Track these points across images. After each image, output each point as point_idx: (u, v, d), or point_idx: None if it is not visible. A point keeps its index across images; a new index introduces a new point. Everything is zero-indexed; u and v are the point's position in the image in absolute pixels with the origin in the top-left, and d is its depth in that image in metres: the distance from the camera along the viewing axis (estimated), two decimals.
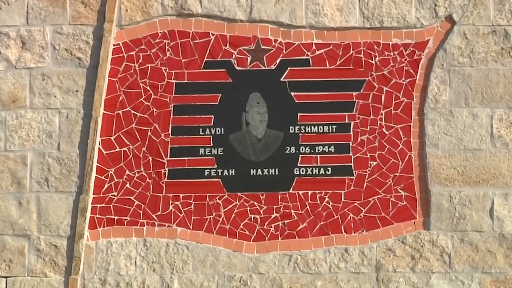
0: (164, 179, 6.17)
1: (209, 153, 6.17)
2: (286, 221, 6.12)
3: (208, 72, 6.22)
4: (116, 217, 6.14)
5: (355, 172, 6.13)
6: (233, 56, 6.22)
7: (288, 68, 6.19)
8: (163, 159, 6.19)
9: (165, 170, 6.17)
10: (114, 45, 6.21)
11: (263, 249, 6.10)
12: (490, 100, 6.07)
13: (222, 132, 6.17)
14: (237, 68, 6.21)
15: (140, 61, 6.23)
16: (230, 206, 6.14)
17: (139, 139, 6.20)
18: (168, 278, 6.06)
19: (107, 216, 6.15)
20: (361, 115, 6.16)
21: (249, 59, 6.22)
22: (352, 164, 6.13)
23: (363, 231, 6.09)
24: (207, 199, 6.15)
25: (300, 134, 6.17)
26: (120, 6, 6.18)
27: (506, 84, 6.06)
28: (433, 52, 6.14)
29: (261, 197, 6.14)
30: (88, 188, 6.08)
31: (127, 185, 6.16)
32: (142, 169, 6.18)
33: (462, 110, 6.08)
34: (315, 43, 6.21)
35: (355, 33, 6.19)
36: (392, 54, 6.16)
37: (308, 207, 6.12)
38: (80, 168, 6.13)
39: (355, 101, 6.16)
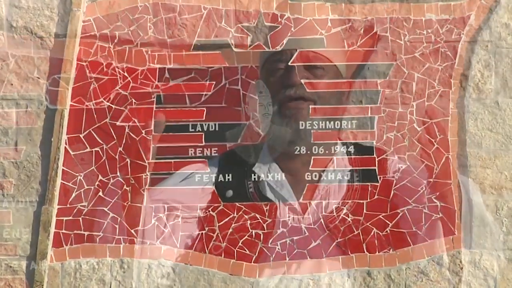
0: (145, 186, 5.89)
1: (201, 154, 5.90)
2: (295, 238, 5.86)
3: (200, 54, 5.92)
4: (86, 233, 5.86)
5: (380, 178, 5.85)
6: (230, 35, 5.92)
7: (298, 50, 5.87)
8: (144, 162, 5.89)
9: (147, 175, 5.89)
10: (84, 21, 5.90)
11: (267, 272, 5.84)
12: None
13: (217, 129, 5.91)
14: (235, 49, 5.92)
15: (116, 41, 5.92)
16: (226, 219, 5.86)
17: (115, 137, 5.90)
18: None
19: (75, 232, 5.86)
20: (388, 107, 5.87)
21: (249, 38, 5.92)
22: (376, 168, 5.85)
23: (389, 250, 5.82)
24: (198, 211, 5.88)
25: (312, 131, 5.86)
26: None
27: None
28: (475, 30, 5.86)
29: (265, 208, 5.86)
30: (52, 197, 5.80)
31: (100, 193, 5.88)
32: (118, 173, 5.89)
33: (510, 101, 5.84)
34: (330, 19, 5.89)
35: (379, 7, 5.88)
36: (425, 32, 5.87)
37: (322, 220, 5.85)
38: (43, 172, 5.85)
39: (379, 90, 5.88)
